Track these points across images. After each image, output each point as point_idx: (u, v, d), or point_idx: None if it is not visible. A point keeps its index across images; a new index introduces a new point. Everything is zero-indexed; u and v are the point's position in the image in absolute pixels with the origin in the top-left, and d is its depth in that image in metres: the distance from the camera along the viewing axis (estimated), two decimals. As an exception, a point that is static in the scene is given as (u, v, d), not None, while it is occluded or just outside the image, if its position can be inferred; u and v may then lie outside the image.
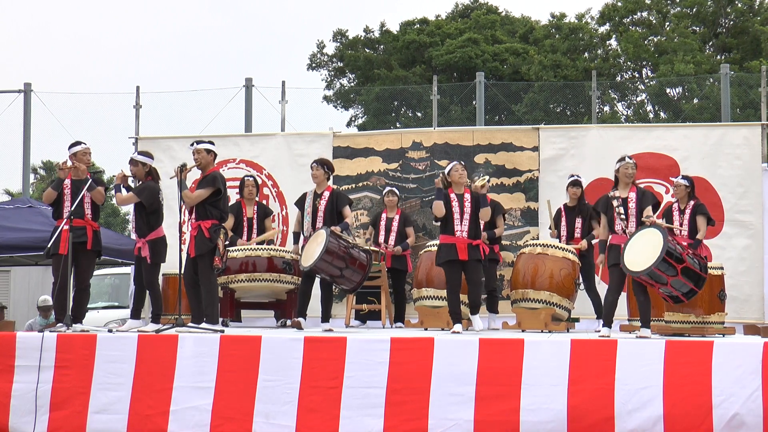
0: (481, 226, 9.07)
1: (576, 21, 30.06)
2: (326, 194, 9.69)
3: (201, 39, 62.66)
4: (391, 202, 11.29)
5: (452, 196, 8.92)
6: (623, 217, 8.55)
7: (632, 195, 8.62)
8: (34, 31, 64.34)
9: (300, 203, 9.96)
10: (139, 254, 9.04)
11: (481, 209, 8.88)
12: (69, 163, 9.18)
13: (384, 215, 11.27)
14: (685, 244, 8.39)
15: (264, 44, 61.23)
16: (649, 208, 8.54)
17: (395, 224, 11.14)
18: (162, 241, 9.09)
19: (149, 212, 9.02)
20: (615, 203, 8.61)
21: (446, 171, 9.04)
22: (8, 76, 55.25)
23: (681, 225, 9.84)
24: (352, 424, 7.56)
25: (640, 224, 8.41)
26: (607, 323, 8.40)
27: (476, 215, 8.89)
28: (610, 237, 8.65)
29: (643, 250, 8.01)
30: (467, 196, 8.94)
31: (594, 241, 10.07)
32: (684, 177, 10.11)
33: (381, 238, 11.09)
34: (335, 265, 9.22)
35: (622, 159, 8.76)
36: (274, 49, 60.24)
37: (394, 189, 11.40)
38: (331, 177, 9.93)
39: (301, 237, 9.99)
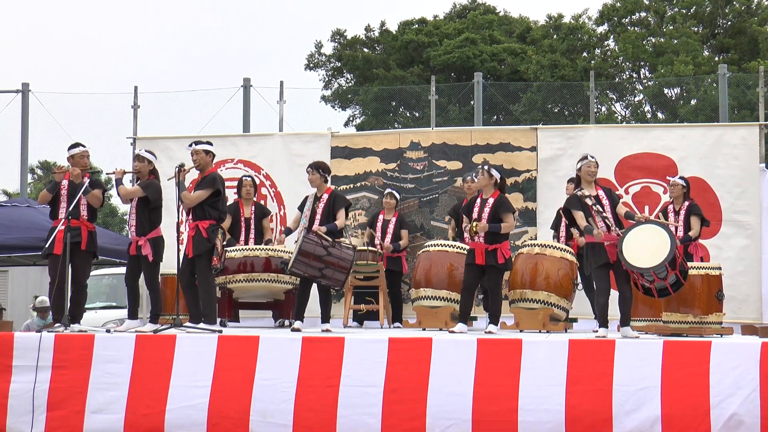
0: (501, 230, 8.91)
1: (573, 21, 30.05)
2: (325, 197, 9.50)
3: (200, 39, 62.72)
4: (389, 204, 11.29)
5: (477, 201, 9.04)
6: (605, 215, 8.47)
7: (601, 193, 8.60)
8: (33, 31, 64.40)
9: (302, 206, 9.75)
10: (138, 252, 8.93)
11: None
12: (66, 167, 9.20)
13: (381, 216, 11.28)
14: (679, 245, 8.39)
15: (262, 44, 61.32)
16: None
17: (391, 226, 11.16)
18: (162, 240, 9.06)
19: (152, 209, 8.99)
20: (589, 202, 8.54)
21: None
22: (7, 76, 55.32)
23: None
24: (350, 423, 7.54)
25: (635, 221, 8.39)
26: (603, 324, 8.40)
27: (493, 221, 8.88)
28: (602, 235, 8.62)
29: (647, 246, 8.02)
30: (489, 200, 8.98)
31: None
32: (681, 177, 10.18)
33: (377, 239, 11.10)
34: (313, 266, 9.11)
35: (585, 158, 8.70)
36: (272, 49, 60.33)
37: (394, 192, 11.39)
38: (329, 178, 9.73)
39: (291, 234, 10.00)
